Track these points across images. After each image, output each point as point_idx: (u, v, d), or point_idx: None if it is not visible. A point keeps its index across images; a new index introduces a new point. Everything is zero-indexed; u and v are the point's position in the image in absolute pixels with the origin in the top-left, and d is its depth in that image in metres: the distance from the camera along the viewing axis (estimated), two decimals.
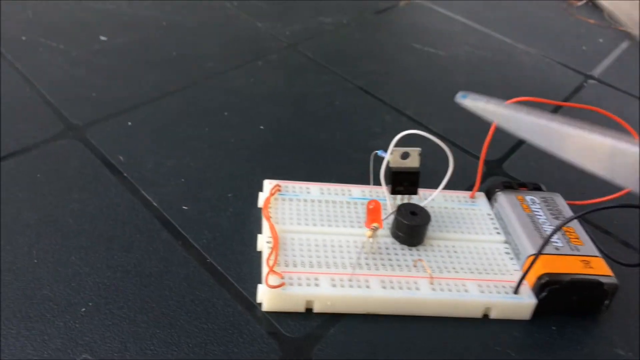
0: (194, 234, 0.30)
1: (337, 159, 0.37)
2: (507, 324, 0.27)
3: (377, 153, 0.31)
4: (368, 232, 0.27)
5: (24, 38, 0.44)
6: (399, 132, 0.41)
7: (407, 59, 0.51)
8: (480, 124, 0.26)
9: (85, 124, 0.36)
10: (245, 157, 0.36)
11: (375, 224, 0.27)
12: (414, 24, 0.59)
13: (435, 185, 0.31)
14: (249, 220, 0.31)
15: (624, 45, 0.60)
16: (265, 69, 0.46)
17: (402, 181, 0.30)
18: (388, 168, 0.30)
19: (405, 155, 0.30)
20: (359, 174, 0.35)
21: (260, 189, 0.33)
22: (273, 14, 0.55)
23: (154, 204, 0.31)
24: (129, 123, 0.37)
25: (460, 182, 0.36)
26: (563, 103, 0.31)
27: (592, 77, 0.52)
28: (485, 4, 0.64)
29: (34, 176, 0.32)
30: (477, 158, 0.34)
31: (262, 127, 0.39)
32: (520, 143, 0.41)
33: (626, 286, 0.30)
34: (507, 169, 0.39)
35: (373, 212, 0.27)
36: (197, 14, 0.53)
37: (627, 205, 0.28)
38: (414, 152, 0.30)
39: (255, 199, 0.32)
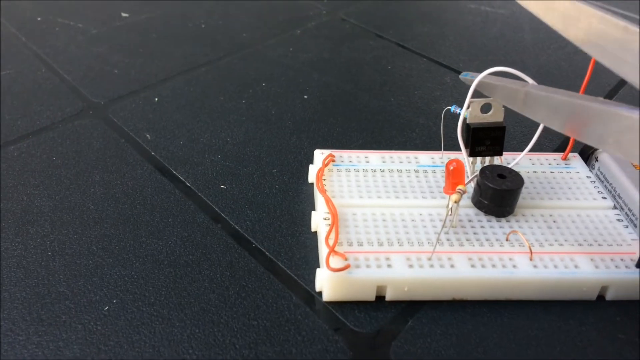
0: (235, 216, 0.25)
1: (396, 126, 0.32)
2: (629, 306, 0.22)
3: (449, 109, 0.25)
4: (454, 196, 0.21)
5: (39, 19, 0.41)
6: (462, 94, 0.36)
7: (462, 19, 0.45)
8: (559, 81, 0.21)
9: (107, 102, 0.32)
10: (289, 128, 0.31)
11: (461, 187, 0.22)
12: None
13: (514, 148, 0.25)
14: (299, 197, 0.26)
15: None
16: (304, 37, 0.41)
17: (484, 139, 0.25)
18: (465, 125, 0.25)
19: (486, 108, 0.24)
20: (425, 141, 0.30)
21: (309, 162, 0.28)
22: None
23: (187, 184, 0.26)
24: (156, 99, 0.33)
25: (544, 144, 0.30)
26: None
27: None
28: None
29: (49, 159, 0.27)
30: None
31: (305, 97, 0.34)
32: (612, 93, 0.35)
33: None
34: None
35: (455, 173, 0.22)
36: None
37: None
38: (497, 103, 0.24)
39: (303, 173, 0.27)
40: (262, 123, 0.31)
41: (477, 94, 0.24)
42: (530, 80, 0.23)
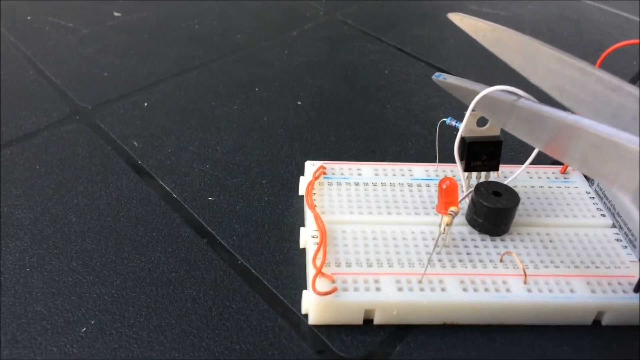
0: (222, 230, 0.24)
1: (391, 135, 0.31)
2: (625, 332, 0.21)
3: (445, 121, 0.25)
4: (445, 219, 0.21)
5: (29, 18, 0.40)
6: (461, 102, 0.35)
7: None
8: None
9: (95, 106, 0.31)
10: (281, 136, 0.30)
11: (453, 208, 0.21)
12: None
13: (512, 160, 0.24)
14: (288, 211, 0.25)
15: None
16: (300, 39, 0.40)
17: (479, 154, 0.24)
18: (462, 138, 0.24)
19: (482, 122, 0.24)
20: (420, 151, 0.29)
21: (301, 172, 0.27)
22: None
23: (174, 195, 0.26)
24: (145, 104, 0.32)
25: (542, 154, 0.29)
26: None
27: None
28: None
29: (32, 168, 0.27)
30: None
31: (299, 103, 0.33)
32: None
33: None
34: None
35: (448, 192, 0.21)
36: None
37: None
38: None
39: (294, 185, 0.27)
40: (253, 130, 0.30)
41: (457, 101, 0.23)
42: (523, 94, 0.22)
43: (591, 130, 0.17)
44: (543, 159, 0.29)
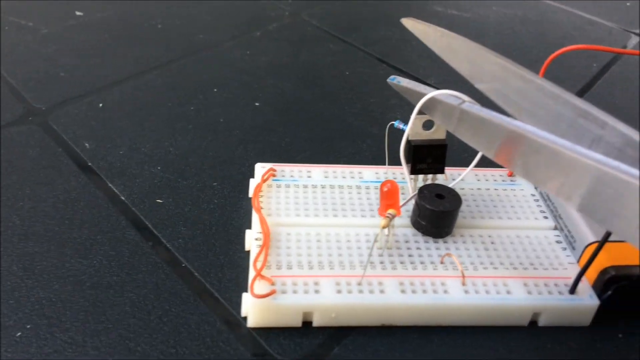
0: (168, 233, 0.24)
1: (348, 136, 0.31)
2: (561, 333, 0.21)
3: (393, 124, 0.25)
4: (382, 222, 0.21)
5: None
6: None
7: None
8: None
9: (49, 107, 0.31)
10: (236, 137, 0.30)
11: (391, 211, 0.21)
12: None
13: (463, 164, 0.25)
14: (237, 213, 0.25)
15: None
16: (264, 40, 0.40)
17: (425, 157, 0.24)
18: (407, 142, 0.24)
19: (428, 125, 0.24)
20: (376, 153, 0.30)
21: (253, 174, 0.27)
22: None
23: (122, 197, 0.26)
24: (100, 104, 0.32)
25: None
26: (620, 50, 0.24)
27: (638, 35, 0.45)
28: None
29: None
30: None
31: (257, 104, 0.33)
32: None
33: None
34: None
35: (389, 195, 0.21)
36: None
37: None
38: None
39: (245, 187, 0.27)
40: (209, 132, 0.30)
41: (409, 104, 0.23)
42: (467, 99, 0.22)
43: (531, 137, 0.17)
44: (489, 163, 0.29)
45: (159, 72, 0.35)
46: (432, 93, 0.21)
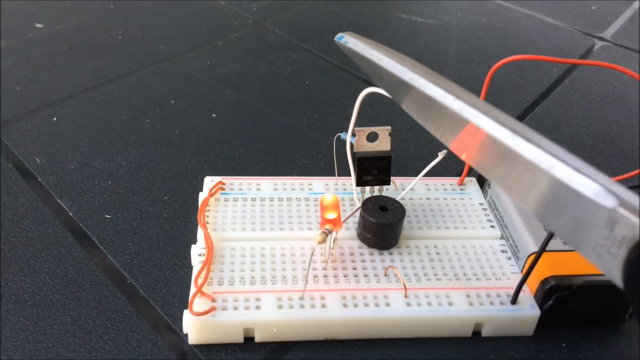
0: (114, 249, 0.24)
1: (302, 147, 0.31)
2: (504, 343, 0.22)
3: (340, 136, 0.25)
4: (317, 237, 0.21)
5: None
6: (378, 112, 0.35)
7: (391, 29, 0.45)
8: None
9: (2, 122, 0.31)
10: (190, 150, 0.30)
11: (328, 226, 0.21)
12: None
13: (419, 173, 0.25)
14: (186, 227, 0.25)
15: (637, 4, 0.53)
16: (225, 50, 0.40)
17: (370, 169, 0.24)
18: (352, 153, 0.24)
19: (372, 137, 0.24)
20: (330, 164, 0.30)
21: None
22: None
23: (70, 213, 0.26)
24: (55, 119, 0.31)
25: (452, 168, 0.30)
26: (572, 60, 0.24)
27: (603, 40, 0.46)
28: None
29: None
30: None
31: (214, 115, 0.33)
32: (521, 117, 0.35)
33: None
34: None
35: (327, 209, 0.22)
36: None
37: None
38: (383, 131, 0.24)
39: (197, 201, 0.27)
40: (162, 145, 0.30)
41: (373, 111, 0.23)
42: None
43: (475, 120, 0.16)
44: (443, 171, 0.30)
45: (116, 85, 0.35)
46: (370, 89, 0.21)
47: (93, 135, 0.30)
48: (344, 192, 0.26)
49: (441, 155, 0.24)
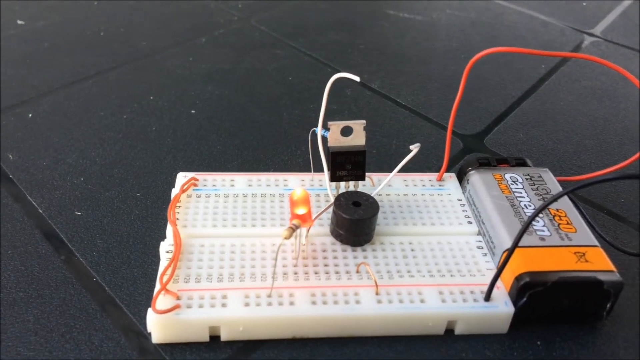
0: (83, 246, 0.24)
1: (282, 143, 0.31)
2: (477, 341, 0.21)
3: (314, 130, 0.24)
4: (284, 232, 0.20)
5: None
6: (361, 108, 0.35)
7: (378, 26, 0.44)
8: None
9: None
10: (167, 146, 0.30)
11: (295, 222, 0.21)
12: None
13: (392, 169, 0.24)
14: (157, 224, 0.25)
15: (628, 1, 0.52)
16: (208, 46, 0.40)
17: (344, 164, 0.24)
18: (326, 148, 0.24)
19: (347, 131, 0.23)
20: (308, 160, 0.29)
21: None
22: None
23: (40, 210, 0.25)
24: (30, 115, 0.31)
25: (433, 164, 0.29)
26: (553, 53, 0.24)
27: (593, 35, 0.45)
28: None
29: None
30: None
31: (193, 112, 0.33)
32: (507, 112, 0.35)
33: (634, 283, 0.23)
34: (490, 145, 0.32)
35: (297, 204, 0.21)
36: None
37: (630, 176, 0.21)
38: (358, 125, 0.24)
39: (169, 197, 0.26)
40: (138, 141, 0.30)
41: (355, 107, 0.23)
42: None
43: None
44: (423, 166, 0.29)
45: (95, 81, 0.35)
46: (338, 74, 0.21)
47: (68, 131, 0.30)
48: (320, 189, 0.26)
49: (414, 148, 0.23)
